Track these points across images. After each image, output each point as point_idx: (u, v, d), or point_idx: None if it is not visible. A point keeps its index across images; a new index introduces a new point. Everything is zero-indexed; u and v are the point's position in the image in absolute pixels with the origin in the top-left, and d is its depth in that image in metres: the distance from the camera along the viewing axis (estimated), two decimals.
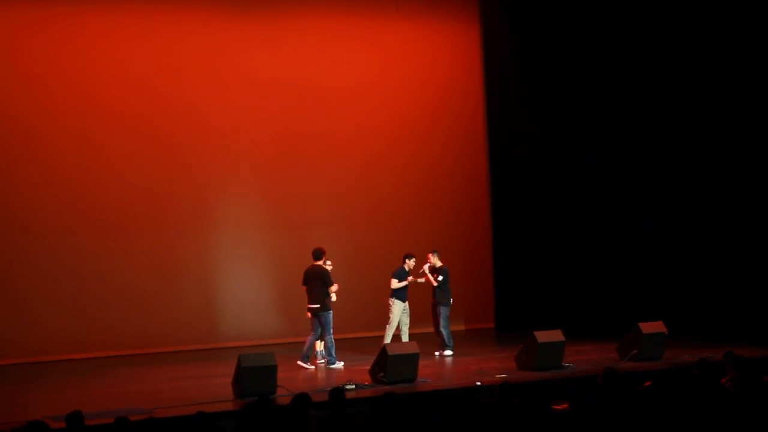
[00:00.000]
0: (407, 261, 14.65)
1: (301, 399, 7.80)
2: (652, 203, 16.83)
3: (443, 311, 14.56)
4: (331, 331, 13.82)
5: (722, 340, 13.88)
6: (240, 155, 17.41)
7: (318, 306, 13.77)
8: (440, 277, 14.61)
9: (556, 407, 7.74)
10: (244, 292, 17.28)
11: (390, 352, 11.79)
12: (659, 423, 7.46)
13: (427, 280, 14.66)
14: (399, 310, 14.57)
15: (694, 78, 16.11)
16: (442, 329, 14.55)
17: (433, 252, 14.84)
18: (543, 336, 12.53)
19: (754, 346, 12.82)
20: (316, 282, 13.83)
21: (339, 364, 13.79)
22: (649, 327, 13.04)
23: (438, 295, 14.64)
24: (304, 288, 14.03)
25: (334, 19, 18.16)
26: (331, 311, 13.84)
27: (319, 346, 14.22)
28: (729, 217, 15.82)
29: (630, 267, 17.01)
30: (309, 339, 13.92)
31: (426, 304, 14.88)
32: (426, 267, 14.71)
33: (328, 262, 14.14)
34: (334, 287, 13.84)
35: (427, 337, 14.82)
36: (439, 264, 14.73)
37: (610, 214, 17.38)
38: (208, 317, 17.05)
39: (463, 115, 19.13)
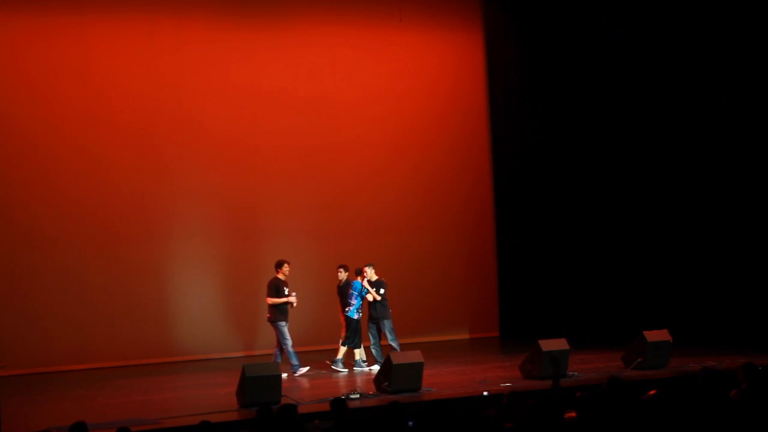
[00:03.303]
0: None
1: (287, 409, 7.82)
2: (657, 210, 16.81)
3: (387, 324, 14.17)
4: (286, 342, 13.74)
5: (728, 349, 13.88)
6: (244, 166, 17.40)
7: (268, 315, 13.96)
8: (381, 291, 14.16)
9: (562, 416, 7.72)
10: (249, 303, 17.24)
11: (395, 362, 11.78)
12: (664, 431, 7.44)
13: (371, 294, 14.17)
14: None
15: (697, 81, 16.12)
16: (391, 342, 14.09)
17: (368, 265, 14.35)
18: (548, 345, 12.50)
19: (761, 354, 12.77)
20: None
21: (303, 370, 13.90)
22: (654, 335, 13.00)
23: (379, 310, 14.17)
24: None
25: (338, 30, 18.17)
26: (282, 322, 13.79)
27: (358, 354, 14.34)
28: (735, 224, 15.81)
29: (635, 275, 16.99)
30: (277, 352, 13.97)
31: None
32: (365, 281, 14.20)
33: (285, 268, 14.01)
34: (270, 300, 13.81)
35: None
36: (375, 278, 14.26)
37: (614, 222, 17.36)
38: (212, 327, 17.03)
39: (467, 124, 19.13)
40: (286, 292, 13.86)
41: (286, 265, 14.06)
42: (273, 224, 17.60)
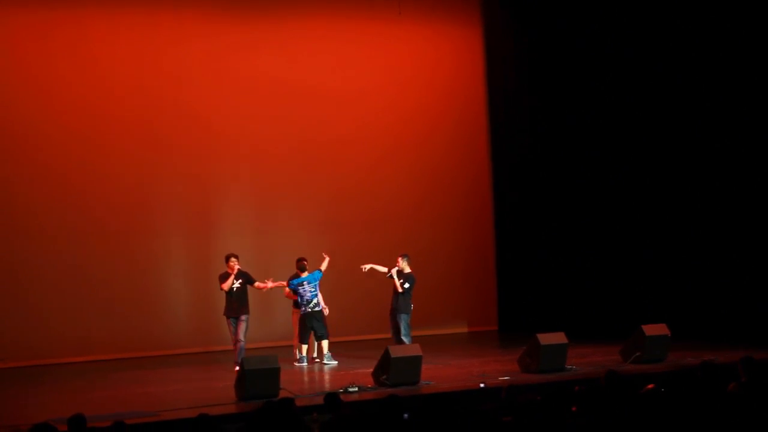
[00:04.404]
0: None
1: (285, 403, 7.83)
2: (655, 205, 16.81)
3: (404, 319, 14.16)
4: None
5: (726, 342, 13.90)
6: (243, 159, 17.43)
7: None
8: (406, 284, 14.17)
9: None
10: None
11: (393, 355, 11.78)
12: (662, 425, 7.45)
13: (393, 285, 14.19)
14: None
15: (697, 77, 16.11)
16: (403, 337, 14.10)
17: (403, 256, 14.37)
18: (546, 338, 12.50)
19: (759, 348, 12.78)
20: None
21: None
22: (652, 329, 13.01)
23: (400, 302, 14.17)
24: None
25: (337, 23, 18.17)
26: (231, 318, 13.93)
27: (304, 349, 14.36)
28: (733, 217, 15.81)
29: (633, 269, 17.00)
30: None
31: (377, 309, 14.57)
32: (393, 271, 14.23)
33: (230, 262, 13.96)
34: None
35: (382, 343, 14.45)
36: (407, 270, 14.30)
37: (613, 216, 17.36)
38: (211, 320, 16.99)
39: (465, 118, 19.13)
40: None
41: (232, 259, 14.02)
42: (272, 218, 17.61)
